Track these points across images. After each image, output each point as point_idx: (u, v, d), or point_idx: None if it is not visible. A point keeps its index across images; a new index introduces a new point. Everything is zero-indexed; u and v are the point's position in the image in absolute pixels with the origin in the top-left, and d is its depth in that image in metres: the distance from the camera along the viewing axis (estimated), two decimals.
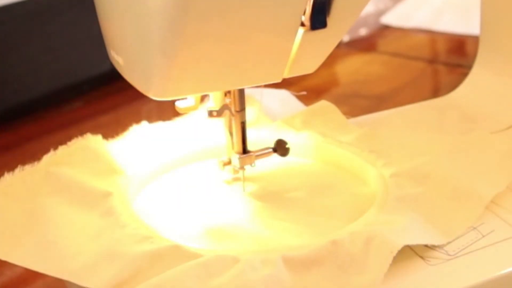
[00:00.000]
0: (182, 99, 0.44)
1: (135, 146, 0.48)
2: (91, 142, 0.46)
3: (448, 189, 0.42)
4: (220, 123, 0.46)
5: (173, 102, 0.44)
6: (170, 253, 0.37)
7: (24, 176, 0.43)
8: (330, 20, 0.39)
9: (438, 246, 0.39)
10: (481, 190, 0.42)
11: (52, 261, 0.37)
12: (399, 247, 0.37)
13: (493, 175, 0.43)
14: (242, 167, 0.45)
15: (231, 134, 0.45)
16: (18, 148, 0.65)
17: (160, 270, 0.35)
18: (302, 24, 0.39)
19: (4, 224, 0.40)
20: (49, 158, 0.44)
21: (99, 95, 0.74)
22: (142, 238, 0.38)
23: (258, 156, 0.46)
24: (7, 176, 0.43)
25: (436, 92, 0.74)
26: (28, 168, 0.44)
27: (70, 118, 0.71)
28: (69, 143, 0.46)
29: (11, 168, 0.44)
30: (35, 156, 0.45)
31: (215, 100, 0.44)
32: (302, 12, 0.38)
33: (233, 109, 0.44)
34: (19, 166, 0.44)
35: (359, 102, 0.71)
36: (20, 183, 0.43)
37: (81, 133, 0.47)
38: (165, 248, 0.37)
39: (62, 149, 0.45)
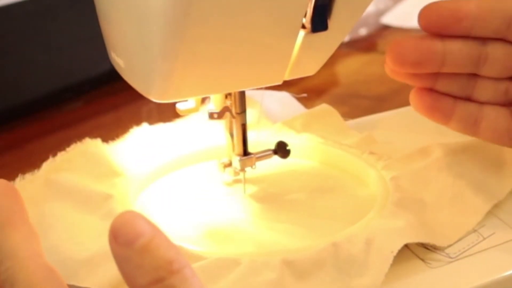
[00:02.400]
0: (183, 101, 0.44)
1: (136, 148, 0.48)
2: (90, 146, 0.46)
3: (448, 192, 0.42)
4: (221, 125, 0.46)
5: (173, 103, 0.43)
6: None
7: (24, 184, 0.43)
8: (331, 23, 0.39)
9: (439, 249, 0.39)
10: (482, 195, 0.42)
11: (53, 263, 0.37)
12: (399, 246, 0.37)
13: (494, 181, 0.43)
14: (242, 169, 0.45)
15: (231, 136, 0.45)
16: (18, 148, 0.65)
17: None
18: (303, 27, 0.39)
19: None
20: (48, 165, 0.44)
21: (99, 95, 0.74)
22: None
23: (258, 158, 0.46)
24: None
25: None
26: (28, 176, 0.43)
27: (70, 118, 0.70)
28: (67, 149, 0.46)
29: (11, 168, 0.44)
30: (35, 156, 0.45)
31: (215, 102, 0.44)
32: (303, 15, 0.38)
33: (233, 111, 0.44)
34: (19, 175, 0.43)
35: (359, 103, 0.71)
36: (21, 190, 0.43)
37: (81, 133, 0.47)
38: None
39: (61, 155, 0.45)
